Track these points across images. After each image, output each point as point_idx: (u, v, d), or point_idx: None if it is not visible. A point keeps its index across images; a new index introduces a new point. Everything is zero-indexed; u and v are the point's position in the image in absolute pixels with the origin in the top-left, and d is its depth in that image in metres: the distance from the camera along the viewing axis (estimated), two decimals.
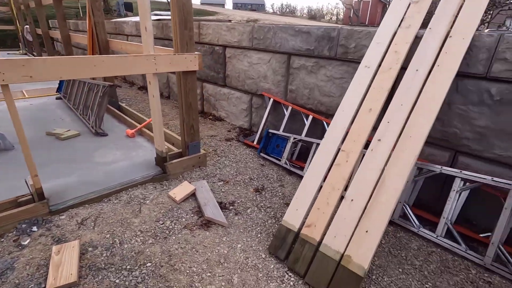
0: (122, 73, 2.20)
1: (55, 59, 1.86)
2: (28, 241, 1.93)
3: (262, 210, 2.52)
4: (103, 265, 1.83)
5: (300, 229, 2.02)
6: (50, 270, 1.70)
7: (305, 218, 2.03)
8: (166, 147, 2.73)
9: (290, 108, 3.45)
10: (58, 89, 5.27)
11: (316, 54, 3.15)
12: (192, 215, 2.38)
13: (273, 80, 3.74)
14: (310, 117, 3.24)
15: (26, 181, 2.12)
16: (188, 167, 2.91)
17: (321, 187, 2.08)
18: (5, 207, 2.07)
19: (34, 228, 2.02)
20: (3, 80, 1.72)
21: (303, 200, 2.08)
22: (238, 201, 2.61)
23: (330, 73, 3.09)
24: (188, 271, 1.85)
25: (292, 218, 2.08)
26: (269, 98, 3.68)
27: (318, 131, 3.32)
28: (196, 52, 2.59)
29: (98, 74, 2.08)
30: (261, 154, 3.44)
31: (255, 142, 3.73)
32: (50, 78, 1.88)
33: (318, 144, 3.01)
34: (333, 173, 2.07)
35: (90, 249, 1.94)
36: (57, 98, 5.19)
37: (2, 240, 1.92)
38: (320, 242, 1.89)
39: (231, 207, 2.53)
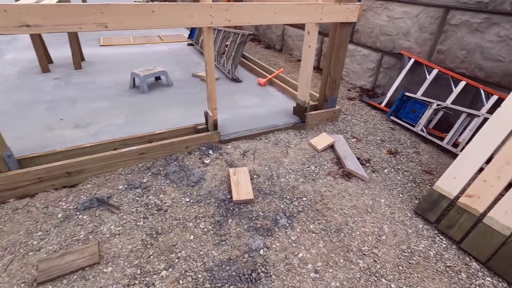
0: (292, 21, 2.31)
1: (247, 5, 2.06)
2: (208, 160, 2.40)
3: (400, 173, 2.52)
4: (268, 191, 2.18)
5: (457, 197, 1.98)
6: (232, 186, 2.11)
7: (465, 187, 1.97)
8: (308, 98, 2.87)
9: (435, 71, 3.14)
10: (190, 36, 5.85)
11: (490, 8, 2.68)
12: (332, 164, 2.54)
13: (417, 38, 3.39)
14: (462, 83, 2.90)
15: (205, 112, 2.55)
16: (322, 120, 3.03)
17: (489, 159, 1.95)
18: (189, 131, 2.57)
19: (210, 152, 2.48)
20: (211, 22, 2.01)
21: (464, 169, 2.00)
22: (374, 160, 2.65)
23: (505, 32, 2.63)
24: (340, 212, 2.05)
25: (447, 185, 2.03)
26: (409, 58, 3.39)
27: (467, 100, 2.98)
28: (357, 2, 2.50)
29: (276, 21, 2.23)
30: (392, 117, 3.31)
31: (382, 105, 3.58)
32: (241, 22, 2.11)
33: (469, 115, 2.73)
34: (510, 147, 1.89)
35: (255, 176, 2.30)
36: (188, 44, 5.81)
37: (191, 156, 2.43)
38: (483, 214, 1.84)
39: (367, 164, 2.60)
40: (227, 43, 4.33)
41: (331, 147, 2.73)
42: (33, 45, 3.89)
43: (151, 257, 1.66)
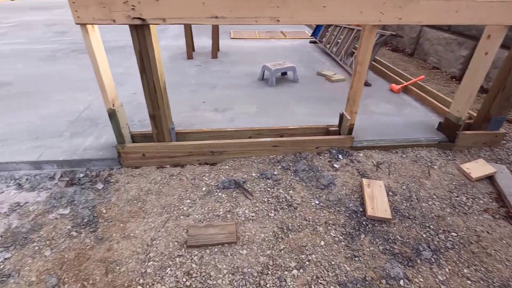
0: (479, 22, 1.93)
1: (427, 2, 1.80)
2: (338, 165, 2.29)
3: None
4: (406, 214, 1.92)
5: None
6: (366, 199, 1.94)
7: None
8: (467, 114, 2.40)
9: None
10: (313, 34, 5.80)
11: None
12: (490, 200, 2.07)
13: None
14: None
15: (341, 114, 2.44)
16: (477, 143, 2.51)
17: None
18: (319, 131, 2.51)
19: (340, 156, 2.36)
20: (379, 20, 1.84)
21: None
22: None
23: None
24: (506, 263, 1.64)
25: None
26: None
27: None
28: None
29: (457, 21, 1.91)
30: None
31: None
32: (413, 21, 1.87)
33: None
34: None
35: (390, 193, 2.07)
36: (311, 42, 5.77)
37: (321, 157, 2.36)
38: None
39: None
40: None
41: (489, 178, 2.22)
42: (185, 35, 4.51)
43: (282, 251, 1.67)
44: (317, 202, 1.99)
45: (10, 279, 1.53)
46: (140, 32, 1.79)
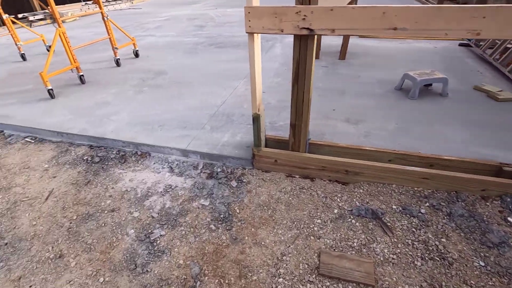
0: None
1: None
2: None
3: None
4: None
5: None
6: None
7: None
8: None
9: None
10: None
11: None
12: None
13: None
14: None
15: None
16: None
17: None
18: (486, 169, 2.00)
19: None
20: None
21: None
22: None
23: None
24: None
25: None
26: None
27: None
28: None
29: None
30: None
31: None
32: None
33: None
34: None
35: None
36: (460, 44, 4.78)
37: (487, 204, 1.89)
38: None
39: None
40: None
41: None
42: None
43: None
44: (482, 263, 1.58)
45: (164, 256, 1.76)
46: (303, 42, 1.73)
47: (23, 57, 5.03)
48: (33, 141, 2.93)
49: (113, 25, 4.40)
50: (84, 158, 2.62)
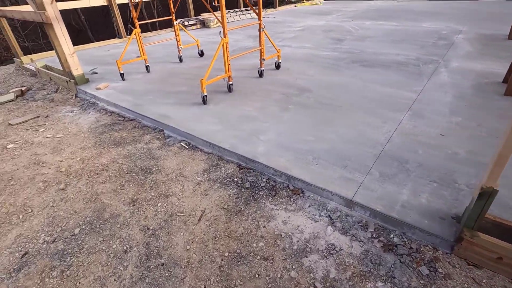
0: None
1: None
2: None
3: None
4: None
5: None
6: None
7: None
8: None
9: None
10: None
11: None
12: None
13: None
14: None
15: None
16: None
17: None
18: None
19: None
20: None
21: None
22: None
23: None
24: None
25: None
26: None
27: None
28: None
29: None
30: None
31: None
32: None
33: None
34: None
35: None
36: None
37: None
38: None
39: None
40: None
41: None
42: None
43: None
44: None
45: None
46: None
47: (180, 59, 5.61)
48: (187, 147, 3.01)
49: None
50: (234, 179, 2.47)
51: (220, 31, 3.67)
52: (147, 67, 5.08)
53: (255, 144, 2.77)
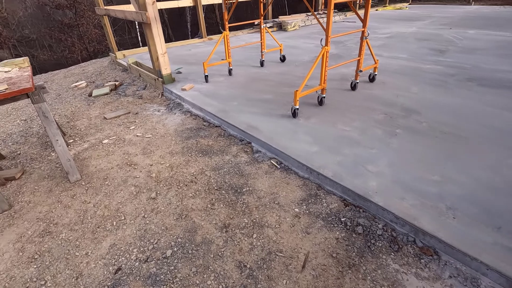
0: None
1: None
2: None
3: None
4: None
5: None
6: None
7: None
8: None
9: None
10: None
11: None
12: None
13: None
14: None
15: None
16: None
17: None
18: None
19: None
20: None
21: None
22: None
23: None
24: None
25: None
26: None
27: None
28: None
29: None
30: None
31: None
32: None
33: None
34: None
35: None
36: None
37: None
38: None
39: None
40: None
41: None
42: None
43: None
44: None
45: None
46: None
47: (261, 63, 5.41)
48: (278, 166, 2.71)
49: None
50: (341, 219, 2.08)
51: (322, 39, 3.30)
52: (230, 70, 4.98)
53: (363, 176, 2.33)
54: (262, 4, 4.83)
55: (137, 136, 3.48)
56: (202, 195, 2.43)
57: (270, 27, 9.27)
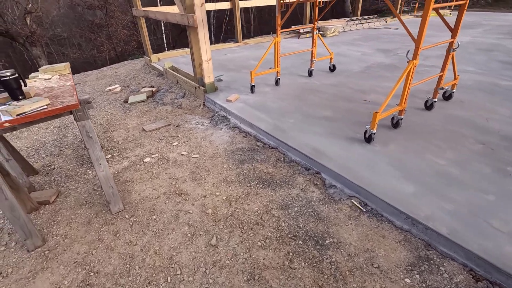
0: None
1: None
2: None
3: None
4: None
5: None
6: None
7: None
8: None
9: None
10: None
11: None
12: None
13: None
14: None
15: None
16: None
17: None
18: None
19: None
20: None
21: None
22: None
23: None
24: None
25: None
26: None
27: None
28: None
29: None
30: None
31: None
32: None
33: None
34: None
35: None
36: None
37: None
38: None
39: None
40: None
41: None
42: None
43: None
44: None
45: None
46: None
47: (310, 73, 4.89)
48: (363, 209, 2.18)
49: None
50: None
51: (408, 51, 2.75)
52: (277, 80, 4.49)
53: (491, 236, 1.76)
54: (317, 8, 4.32)
55: (182, 154, 3.05)
56: (274, 245, 1.93)
57: (307, 32, 8.75)
